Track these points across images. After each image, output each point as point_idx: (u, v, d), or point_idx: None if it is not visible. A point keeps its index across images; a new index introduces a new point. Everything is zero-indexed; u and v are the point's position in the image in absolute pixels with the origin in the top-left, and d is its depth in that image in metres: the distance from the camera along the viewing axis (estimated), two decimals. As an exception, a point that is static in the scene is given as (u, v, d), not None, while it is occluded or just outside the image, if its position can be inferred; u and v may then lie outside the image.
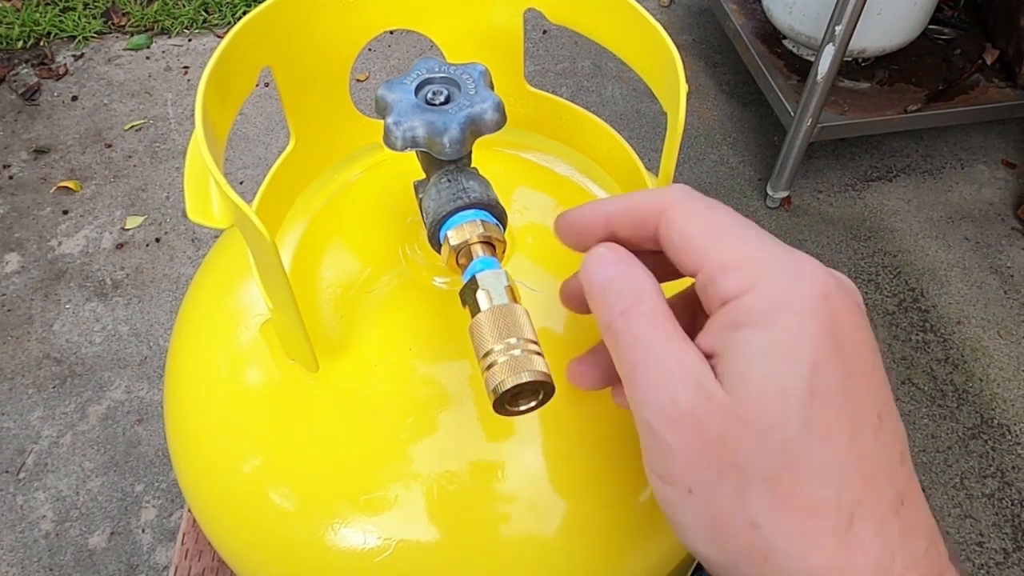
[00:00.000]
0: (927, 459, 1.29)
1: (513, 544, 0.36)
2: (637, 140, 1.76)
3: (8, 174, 1.68)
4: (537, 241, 0.40)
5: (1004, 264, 1.55)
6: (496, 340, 0.30)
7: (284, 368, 0.37)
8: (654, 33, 0.36)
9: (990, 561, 1.18)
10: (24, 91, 1.83)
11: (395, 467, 0.35)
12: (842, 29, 1.30)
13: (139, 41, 1.96)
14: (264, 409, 0.38)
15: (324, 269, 0.40)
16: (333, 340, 0.37)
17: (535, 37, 2.00)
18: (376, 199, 0.43)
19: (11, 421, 1.32)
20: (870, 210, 1.64)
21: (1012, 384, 1.38)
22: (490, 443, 0.36)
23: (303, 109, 0.42)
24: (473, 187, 0.34)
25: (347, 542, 0.35)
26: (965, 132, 1.78)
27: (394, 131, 0.33)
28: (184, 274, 1.52)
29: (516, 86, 0.46)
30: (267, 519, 0.37)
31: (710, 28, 2.02)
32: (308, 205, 0.43)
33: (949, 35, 1.71)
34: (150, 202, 1.63)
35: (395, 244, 0.40)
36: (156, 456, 1.28)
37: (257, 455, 0.38)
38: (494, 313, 0.30)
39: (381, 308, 0.38)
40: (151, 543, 1.20)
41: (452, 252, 0.33)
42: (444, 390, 0.36)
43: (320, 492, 0.36)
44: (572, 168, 0.46)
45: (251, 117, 1.79)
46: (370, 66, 1.92)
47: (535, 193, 0.44)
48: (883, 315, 1.47)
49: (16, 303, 1.47)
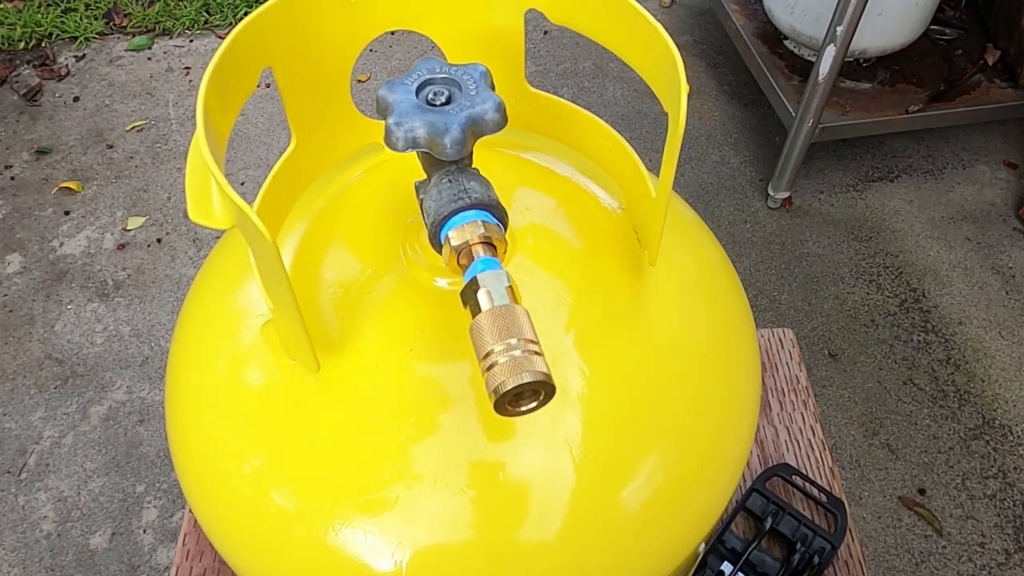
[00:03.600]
0: (928, 460, 1.28)
1: (513, 544, 0.36)
2: (638, 141, 1.76)
3: (10, 175, 1.68)
4: (538, 242, 0.40)
5: (1005, 264, 1.55)
6: (497, 341, 0.30)
7: (285, 368, 0.37)
8: (655, 34, 0.36)
9: (992, 562, 1.18)
10: (26, 92, 1.83)
11: (396, 467, 0.35)
12: (843, 29, 1.30)
13: (141, 42, 1.96)
14: (265, 409, 0.38)
15: (325, 269, 0.40)
16: (334, 340, 0.37)
17: (536, 38, 2.00)
18: (377, 200, 0.43)
19: (13, 421, 1.32)
20: (871, 210, 1.63)
21: (1014, 385, 1.37)
22: (491, 443, 0.36)
23: (304, 110, 0.42)
24: (474, 188, 0.34)
25: (348, 542, 0.35)
26: (966, 132, 1.78)
27: (395, 132, 0.33)
28: (185, 275, 1.52)
29: (517, 87, 0.46)
30: (268, 519, 0.37)
31: (711, 29, 2.02)
32: (309, 205, 0.43)
33: (950, 35, 1.71)
34: (151, 203, 1.63)
35: (396, 244, 0.40)
36: (157, 456, 1.28)
37: (258, 455, 0.38)
38: (495, 314, 0.30)
39: (382, 308, 0.38)
40: (152, 544, 1.20)
41: (453, 252, 0.33)
42: (445, 390, 0.36)
43: (321, 492, 0.36)
44: (573, 169, 0.46)
45: (252, 118, 1.79)
46: (371, 67, 1.92)
47: (536, 194, 0.44)
48: (885, 316, 1.46)
49: (18, 304, 1.47)
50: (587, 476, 0.36)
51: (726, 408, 0.42)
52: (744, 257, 1.54)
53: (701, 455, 0.40)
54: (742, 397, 0.43)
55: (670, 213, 0.43)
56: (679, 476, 0.39)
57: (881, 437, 1.31)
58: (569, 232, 0.42)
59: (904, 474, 1.27)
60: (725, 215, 1.62)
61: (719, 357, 0.42)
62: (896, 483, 1.26)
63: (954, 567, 1.18)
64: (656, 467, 0.38)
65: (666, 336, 0.41)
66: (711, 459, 0.41)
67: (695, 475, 0.40)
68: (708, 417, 0.41)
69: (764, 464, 0.67)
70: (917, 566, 1.18)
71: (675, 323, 0.42)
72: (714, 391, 0.41)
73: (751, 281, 1.51)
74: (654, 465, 0.38)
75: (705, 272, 0.46)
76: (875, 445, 1.30)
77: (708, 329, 0.43)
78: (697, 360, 0.41)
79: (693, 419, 0.40)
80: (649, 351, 0.40)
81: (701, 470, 0.40)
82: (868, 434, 1.31)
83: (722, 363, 0.43)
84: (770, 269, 1.53)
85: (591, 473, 0.36)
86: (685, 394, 0.40)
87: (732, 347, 0.44)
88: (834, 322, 1.45)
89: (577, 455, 0.36)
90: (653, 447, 0.38)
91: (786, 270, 1.53)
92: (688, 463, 0.39)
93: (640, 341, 0.40)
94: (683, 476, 0.39)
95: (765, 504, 0.63)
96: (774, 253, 1.56)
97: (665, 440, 0.39)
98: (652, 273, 0.41)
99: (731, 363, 0.43)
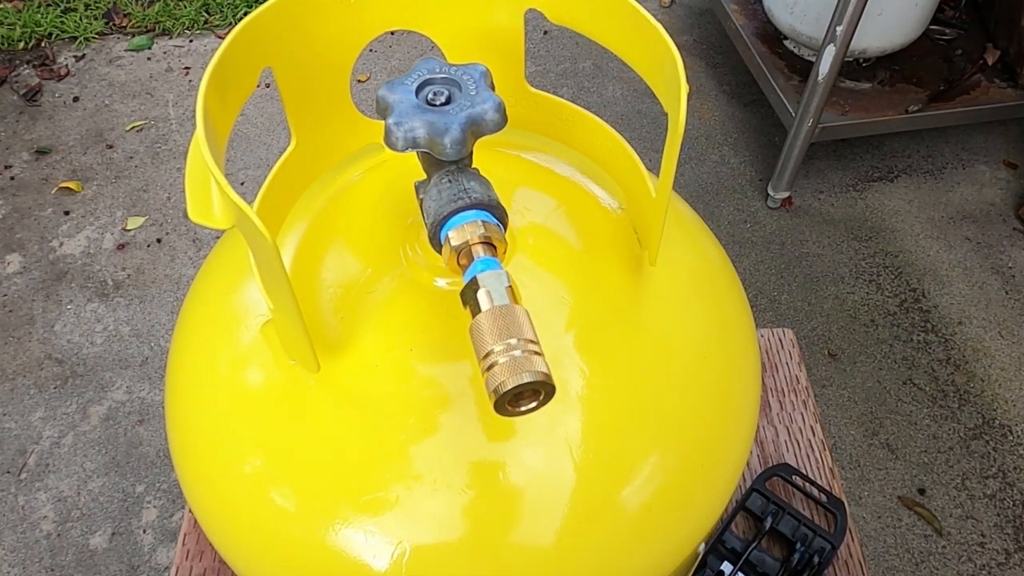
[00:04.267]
0: (928, 459, 1.29)
1: (514, 544, 0.36)
2: (638, 141, 1.76)
3: (9, 175, 1.68)
4: (538, 242, 0.40)
5: (1005, 264, 1.55)
6: (496, 341, 0.30)
7: (285, 369, 0.37)
8: (655, 34, 0.36)
9: (991, 562, 1.18)
10: (25, 92, 1.83)
11: (396, 468, 0.35)
12: (843, 29, 1.30)
13: (140, 42, 1.96)
14: (265, 409, 0.38)
15: (325, 270, 0.40)
16: (334, 341, 0.37)
17: (536, 38, 2.00)
18: (377, 199, 0.43)
19: (12, 421, 1.32)
20: (871, 210, 1.63)
21: (1013, 384, 1.37)
22: (491, 443, 0.36)
23: (304, 110, 0.42)
24: (474, 188, 0.34)
25: (348, 543, 0.35)
26: (966, 132, 1.78)
27: (395, 132, 0.33)
28: (185, 275, 1.52)
29: (517, 87, 0.46)
30: (268, 520, 0.37)
31: (711, 29, 2.02)
32: (309, 205, 0.43)
33: (950, 35, 1.71)
34: (151, 203, 1.63)
35: (396, 244, 0.40)
36: (157, 457, 1.28)
37: (258, 456, 0.38)
38: (495, 314, 0.30)
39: (382, 309, 0.38)
40: (152, 544, 1.20)
41: (453, 252, 0.33)
42: (445, 391, 0.36)
43: (321, 493, 0.36)
44: (573, 169, 0.46)
45: (252, 118, 1.79)
46: (371, 67, 1.92)
47: (536, 194, 0.44)
48: (884, 315, 1.46)
49: (17, 304, 1.47)
50: (587, 476, 0.36)
51: (726, 408, 0.42)
52: (744, 257, 1.54)
53: (701, 455, 0.40)
54: (742, 397, 0.43)
55: (670, 213, 0.43)
56: (679, 476, 0.39)
57: (881, 437, 1.31)
58: (569, 232, 0.42)
59: (904, 474, 1.27)
60: (725, 215, 1.62)
61: (719, 357, 0.42)
62: (896, 483, 1.26)
63: (954, 567, 1.18)
64: (656, 467, 0.38)
65: (666, 336, 0.41)
66: (711, 459, 0.41)
67: (695, 475, 0.40)
68: (708, 417, 0.41)
69: (764, 464, 0.67)
70: (917, 566, 1.18)
71: (675, 323, 0.42)
72: (714, 391, 0.41)
73: (751, 281, 1.51)
74: (654, 465, 0.38)
75: (705, 272, 0.46)
76: (875, 445, 1.30)
77: (708, 329, 0.43)
78: (697, 360, 0.41)
79: (693, 419, 0.40)
80: (649, 351, 0.40)
81: (701, 470, 0.40)
82: (868, 434, 1.31)
83: (722, 363, 0.43)
84: (770, 269, 1.53)
85: (591, 473, 0.36)
86: (685, 394, 0.40)
87: (732, 347, 0.44)
88: (834, 322, 1.45)
89: (577, 455, 0.36)
90: (653, 447, 0.38)
91: (786, 270, 1.53)
92: (688, 463, 0.39)
93: (640, 341, 0.40)
94: (683, 476, 0.39)
95: (765, 504, 0.63)
96: (774, 253, 1.56)
97: (665, 440, 0.39)
98: (652, 273, 0.41)
99: (731, 363, 0.43)
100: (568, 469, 0.36)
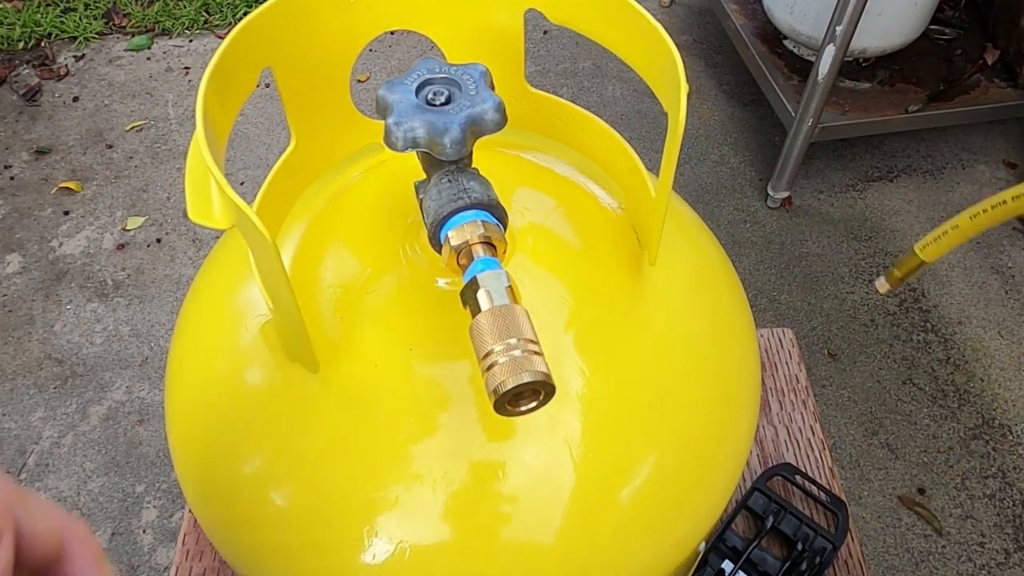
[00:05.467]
0: (928, 459, 1.29)
1: (514, 544, 0.36)
2: (638, 140, 1.76)
3: (9, 175, 1.68)
4: (538, 242, 0.40)
5: (1005, 264, 1.55)
6: (496, 341, 0.30)
7: (285, 368, 0.37)
8: (655, 33, 0.36)
9: (991, 562, 1.18)
10: (25, 92, 1.83)
11: (396, 468, 0.35)
12: (843, 29, 1.30)
13: (140, 42, 1.96)
14: (265, 409, 0.38)
15: (325, 269, 0.40)
16: (334, 340, 0.37)
17: (536, 37, 2.00)
18: (377, 199, 0.43)
19: (12, 421, 1.32)
20: (871, 210, 1.63)
21: (1013, 384, 1.37)
22: (491, 443, 0.36)
23: (304, 110, 0.42)
24: (474, 187, 0.34)
25: (348, 542, 0.35)
26: (966, 132, 1.78)
27: (395, 131, 0.33)
28: (185, 275, 1.52)
29: (517, 86, 0.46)
30: (268, 520, 0.37)
31: (711, 28, 2.02)
32: (309, 205, 0.43)
33: (950, 35, 1.71)
34: (151, 203, 1.63)
35: (396, 244, 0.40)
36: (157, 457, 1.28)
37: (258, 455, 0.38)
38: (494, 314, 0.30)
39: (382, 308, 0.38)
40: (152, 544, 1.20)
41: (453, 252, 0.33)
42: (445, 390, 0.36)
43: (321, 493, 0.36)
44: (573, 168, 0.46)
45: (252, 117, 1.79)
46: (371, 67, 1.92)
47: (536, 194, 0.44)
48: (884, 315, 1.46)
49: (17, 304, 1.47)
50: (587, 476, 0.36)
51: (726, 408, 0.42)
52: (744, 257, 1.54)
53: (701, 455, 0.40)
54: (742, 397, 0.43)
55: (670, 213, 0.43)
56: (679, 476, 0.39)
57: (881, 437, 1.31)
58: (569, 232, 0.42)
59: (904, 474, 1.27)
60: (725, 215, 1.62)
61: (719, 357, 0.43)
62: (896, 483, 1.26)
63: (954, 567, 1.18)
64: (656, 466, 0.38)
65: (666, 336, 0.41)
66: (711, 459, 0.41)
67: (695, 475, 0.40)
68: (708, 417, 0.41)
69: (764, 464, 0.67)
70: (917, 566, 1.18)
71: (675, 323, 0.42)
72: (714, 391, 0.41)
73: (751, 281, 1.51)
74: (654, 464, 0.38)
75: (705, 272, 0.46)
76: (875, 445, 1.30)
77: (708, 329, 0.43)
78: (697, 360, 0.41)
79: (693, 419, 0.40)
80: (649, 351, 0.40)
81: (701, 470, 0.40)
82: (868, 434, 1.31)
83: (722, 363, 0.43)
84: (770, 269, 1.53)
85: (591, 473, 0.36)
86: (685, 394, 0.40)
87: (732, 347, 0.44)
88: (834, 322, 1.45)
89: (577, 455, 0.36)
90: (653, 447, 0.38)
91: (785, 270, 1.53)
92: (688, 463, 0.39)
93: (640, 341, 0.40)
94: (683, 476, 0.39)
95: (766, 503, 0.63)
96: (774, 253, 1.56)
97: (665, 440, 0.39)
98: (652, 273, 0.41)
99: (731, 363, 0.43)
100: (568, 469, 0.36)
